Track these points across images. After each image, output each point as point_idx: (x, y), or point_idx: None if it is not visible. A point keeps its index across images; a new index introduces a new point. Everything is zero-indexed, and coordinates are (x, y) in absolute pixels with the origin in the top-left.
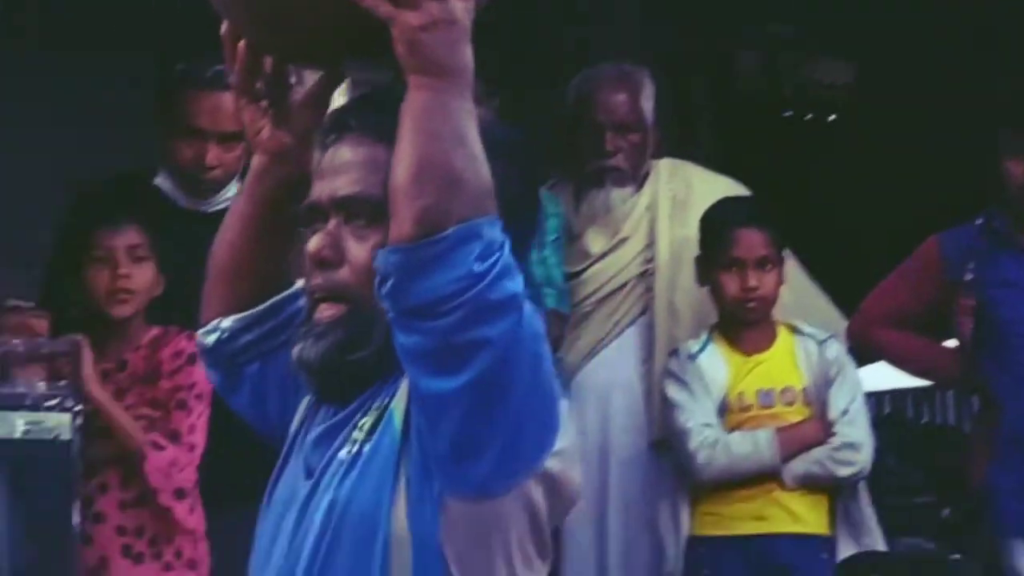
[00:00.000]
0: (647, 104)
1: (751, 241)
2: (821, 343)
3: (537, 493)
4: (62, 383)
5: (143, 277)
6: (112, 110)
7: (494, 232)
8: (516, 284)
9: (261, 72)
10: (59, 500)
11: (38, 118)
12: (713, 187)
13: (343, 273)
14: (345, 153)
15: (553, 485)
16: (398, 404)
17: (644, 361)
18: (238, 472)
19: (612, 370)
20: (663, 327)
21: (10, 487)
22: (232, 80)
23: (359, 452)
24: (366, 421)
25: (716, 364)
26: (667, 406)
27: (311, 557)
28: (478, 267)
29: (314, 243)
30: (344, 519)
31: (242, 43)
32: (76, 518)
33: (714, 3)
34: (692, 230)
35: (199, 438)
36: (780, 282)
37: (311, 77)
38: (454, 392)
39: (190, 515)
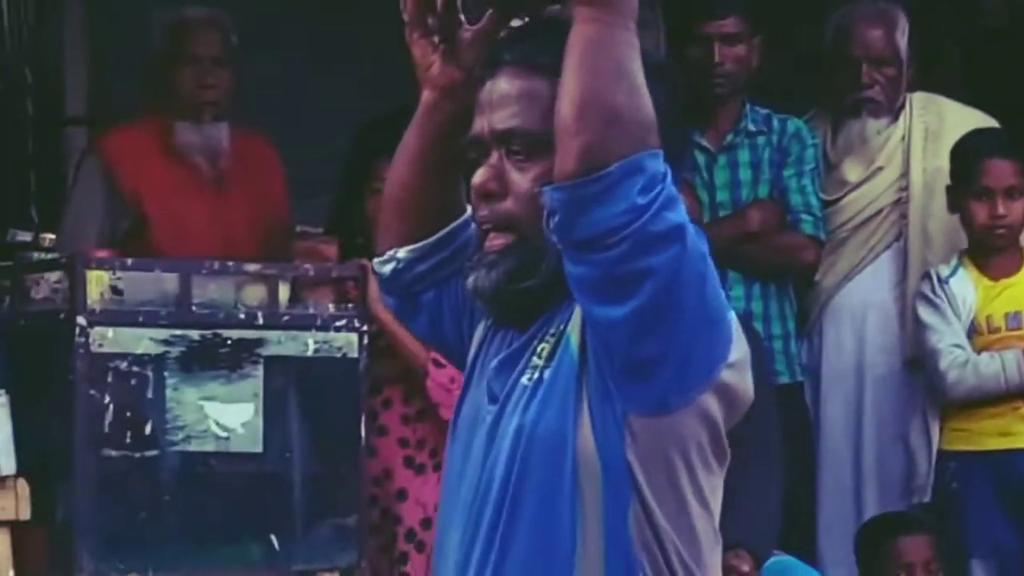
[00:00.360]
0: (902, 39)
1: (1000, 171)
2: None
3: (713, 404)
4: (350, 305)
5: None
6: (389, 49)
7: (656, 165)
8: (679, 214)
9: (433, 8)
10: (346, 414)
11: (322, 61)
12: (964, 119)
13: (508, 204)
14: (502, 86)
15: (728, 395)
16: (573, 329)
17: (898, 284)
18: None
19: (867, 292)
20: (916, 252)
21: (301, 402)
22: (405, 15)
23: (540, 378)
24: (544, 347)
25: (966, 288)
26: (919, 327)
27: (503, 479)
28: (641, 200)
29: (478, 176)
30: (532, 442)
31: None
32: (362, 431)
33: None
34: (944, 160)
35: None
36: None
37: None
38: (622, 318)
39: None
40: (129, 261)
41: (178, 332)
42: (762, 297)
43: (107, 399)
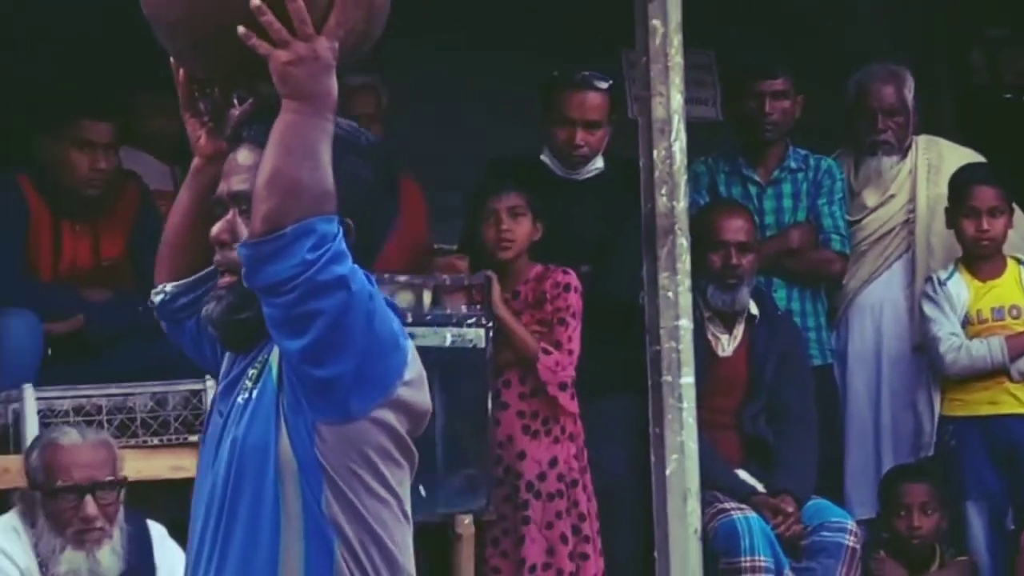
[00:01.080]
0: (908, 94)
1: (985, 195)
2: None
3: (391, 415)
4: (478, 307)
5: (521, 229)
6: (514, 100)
7: (328, 227)
8: (344, 267)
9: (201, 94)
10: (476, 391)
11: (462, 108)
12: (958, 156)
13: (236, 252)
14: (239, 157)
15: (405, 408)
16: (274, 357)
17: (907, 286)
18: (602, 371)
19: (883, 292)
20: (922, 261)
21: (441, 383)
22: (180, 99)
23: (250, 397)
24: (254, 372)
25: (960, 288)
26: (923, 319)
27: (224, 484)
28: (310, 256)
29: (215, 228)
30: (244, 452)
31: (182, 72)
32: (488, 405)
33: (952, 14)
34: (943, 188)
35: (575, 346)
36: (1008, 226)
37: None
38: (300, 349)
39: (571, 402)
40: None
41: None
42: (800, 298)
43: None
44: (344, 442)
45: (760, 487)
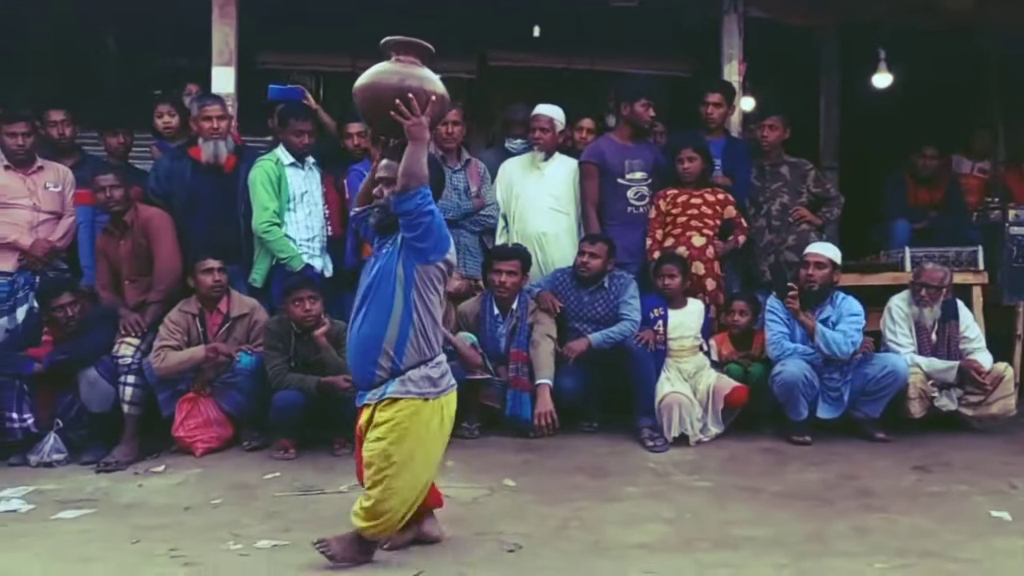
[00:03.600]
0: None
1: None
2: None
3: (441, 263)
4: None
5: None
6: None
7: (426, 189)
8: (432, 204)
9: (377, 138)
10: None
11: None
12: None
13: (383, 199)
14: (383, 163)
15: (447, 263)
16: (399, 239)
17: None
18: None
19: None
20: None
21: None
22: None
23: (388, 251)
24: (390, 243)
25: None
26: None
27: (371, 282)
28: (420, 200)
29: (375, 190)
30: (382, 272)
31: (370, 130)
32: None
33: None
34: None
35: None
36: None
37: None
38: (414, 236)
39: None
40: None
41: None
42: None
43: (1014, 250)
44: (424, 271)
45: None
